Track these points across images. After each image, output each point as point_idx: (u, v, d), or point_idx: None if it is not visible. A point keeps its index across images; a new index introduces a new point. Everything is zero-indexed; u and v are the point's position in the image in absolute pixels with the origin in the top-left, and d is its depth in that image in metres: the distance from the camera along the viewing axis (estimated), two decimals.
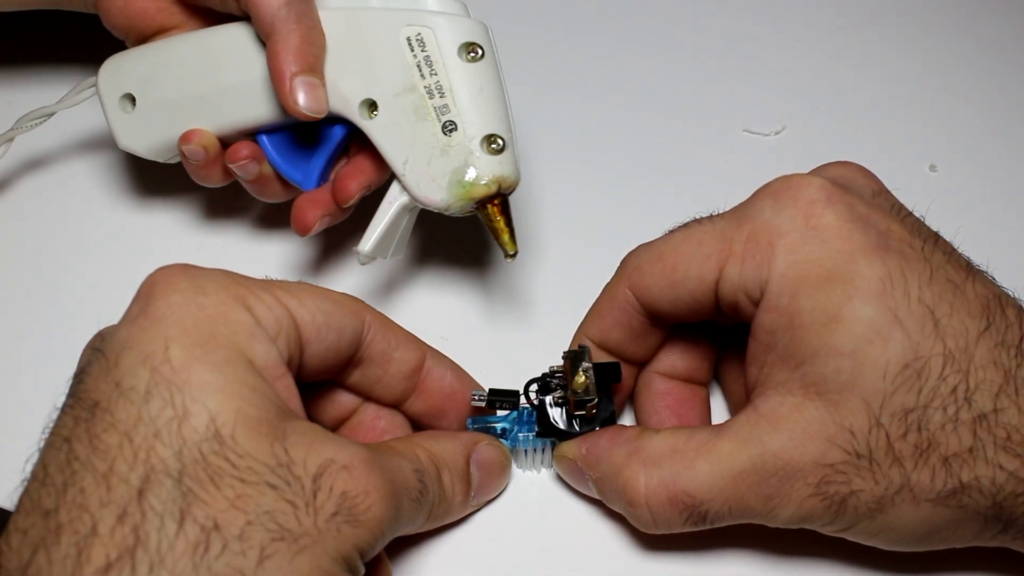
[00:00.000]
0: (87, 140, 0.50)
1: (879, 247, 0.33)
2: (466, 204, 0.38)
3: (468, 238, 0.48)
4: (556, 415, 0.38)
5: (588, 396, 0.37)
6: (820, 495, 0.32)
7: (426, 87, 0.38)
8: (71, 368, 0.31)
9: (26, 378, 0.42)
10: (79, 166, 0.48)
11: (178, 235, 0.47)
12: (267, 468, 0.28)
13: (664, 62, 0.56)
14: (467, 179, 0.38)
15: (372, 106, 0.39)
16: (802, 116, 0.53)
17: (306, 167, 0.42)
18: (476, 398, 0.38)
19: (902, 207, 0.36)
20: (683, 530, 0.35)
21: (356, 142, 0.42)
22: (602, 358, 0.39)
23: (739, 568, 0.37)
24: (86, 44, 0.52)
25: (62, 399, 0.30)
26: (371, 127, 0.39)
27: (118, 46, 0.44)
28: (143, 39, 0.43)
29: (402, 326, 0.37)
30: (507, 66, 0.40)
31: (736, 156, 0.52)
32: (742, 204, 0.36)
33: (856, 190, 0.35)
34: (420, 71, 0.38)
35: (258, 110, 0.41)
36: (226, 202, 0.48)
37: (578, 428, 0.38)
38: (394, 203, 0.39)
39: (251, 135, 0.42)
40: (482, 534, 0.38)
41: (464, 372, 0.39)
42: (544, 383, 0.38)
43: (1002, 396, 0.32)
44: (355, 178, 0.41)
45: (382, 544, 0.30)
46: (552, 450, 0.39)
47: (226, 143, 0.42)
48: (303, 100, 0.38)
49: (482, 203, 0.39)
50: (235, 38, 0.41)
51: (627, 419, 0.42)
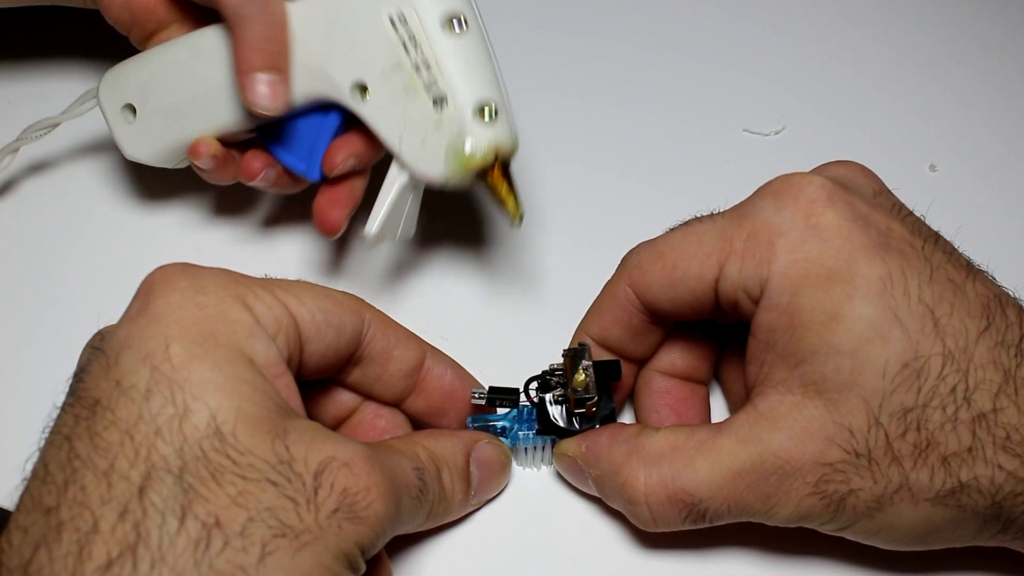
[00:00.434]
0: (87, 142, 0.50)
1: (879, 246, 0.33)
2: (465, 176, 0.38)
3: (468, 237, 0.48)
4: (556, 413, 0.38)
5: (588, 394, 0.37)
6: (819, 494, 0.33)
7: (413, 64, 0.37)
8: (71, 367, 0.31)
9: (26, 377, 0.42)
10: (79, 167, 0.48)
11: (177, 235, 0.47)
12: (268, 465, 0.28)
13: (664, 62, 0.56)
14: (463, 151, 0.37)
15: (363, 89, 0.38)
16: (802, 116, 0.53)
17: (308, 156, 0.42)
18: (476, 396, 0.38)
19: (903, 206, 0.36)
20: (682, 528, 0.35)
21: (353, 125, 0.42)
22: (602, 356, 0.39)
23: (738, 566, 0.37)
24: (86, 40, 0.53)
25: (62, 398, 0.30)
26: (364, 110, 0.39)
27: (118, 40, 0.44)
28: (146, 34, 0.43)
29: (402, 325, 0.37)
30: (507, 67, 0.40)
31: (736, 156, 0.52)
32: (742, 203, 0.36)
33: (857, 189, 0.35)
34: (405, 48, 0.37)
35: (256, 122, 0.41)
36: (226, 202, 0.48)
37: (578, 426, 0.38)
38: (395, 182, 0.39)
39: (251, 132, 0.42)
40: (482, 533, 0.38)
41: (464, 370, 0.39)
42: (544, 381, 0.38)
43: (1001, 396, 0.32)
44: (343, 149, 0.40)
45: (383, 541, 0.30)
46: (552, 448, 0.39)
47: (228, 142, 0.42)
48: (260, 98, 0.38)
49: (482, 173, 0.38)
50: (221, 37, 0.40)
51: (627, 417, 0.42)
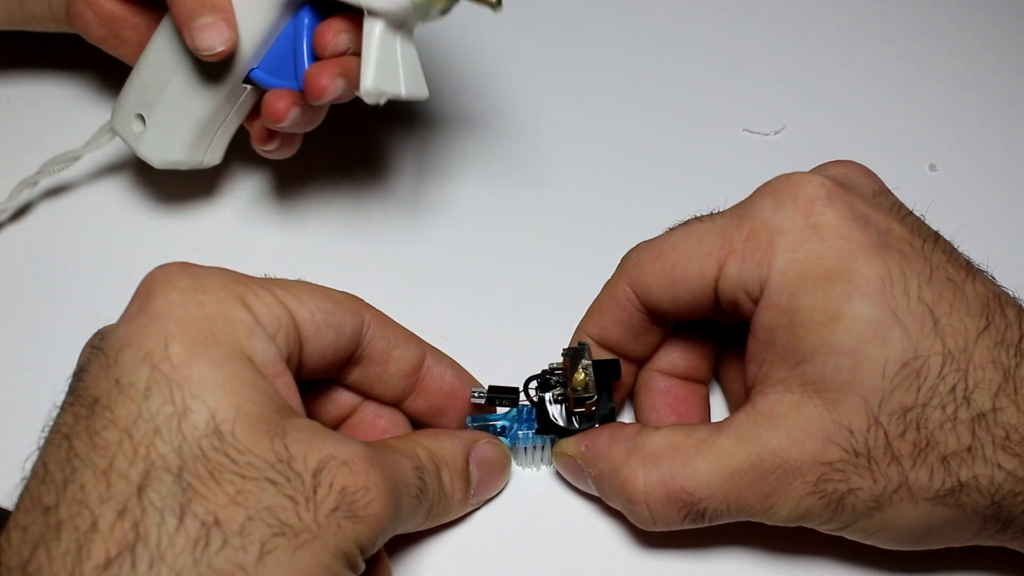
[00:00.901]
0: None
1: (879, 246, 0.33)
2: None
3: (468, 236, 0.48)
4: (556, 412, 0.38)
5: (587, 393, 0.37)
6: (818, 493, 0.33)
7: None
8: (71, 366, 0.31)
9: (26, 376, 0.42)
10: (78, 168, 0.47)
11: (177, 235, 0.47)
12: (267, 464, 0.28)
13: (664, 62, 0.56)
14: None
15: None
16: (802, 116, 0.53)
17: (295, 69, 0.41)
18: (476, 395, 0.38)
19: (902, 206, 0.36)
20: (681, 527, 0.35)
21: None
22: (602, 355, 0.39)
23: (737, 566, 0.37)
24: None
25: (62, 397, 0.30)
26: None
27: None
28: (132, 46, 0.44)
29: (402, 325, 0.37)
30: (508, 67, 0.40)
31: (736, 156, 0.52)
32: (742, 202, 0.36)
33: (856, 189, 0.35)
34: None
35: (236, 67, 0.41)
36: (226, 202, 0.48)
37: (577, 425, 0.38)
38: (372, 30, 0.38)
39: (248, 81, 0.42)
40: (482, 532, 0.38)
41: (464, 370, 0.39)
42: (544, 380, 0.38)
43: (1001, 395, 0.32)
44: (328, 29, 0.39)
45: (382, 541, 0.30)
46: (552, 447, 0.39)
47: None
48: (206, 40, 0.38)
49: None
50: None
51: (627, 416, 0.42)
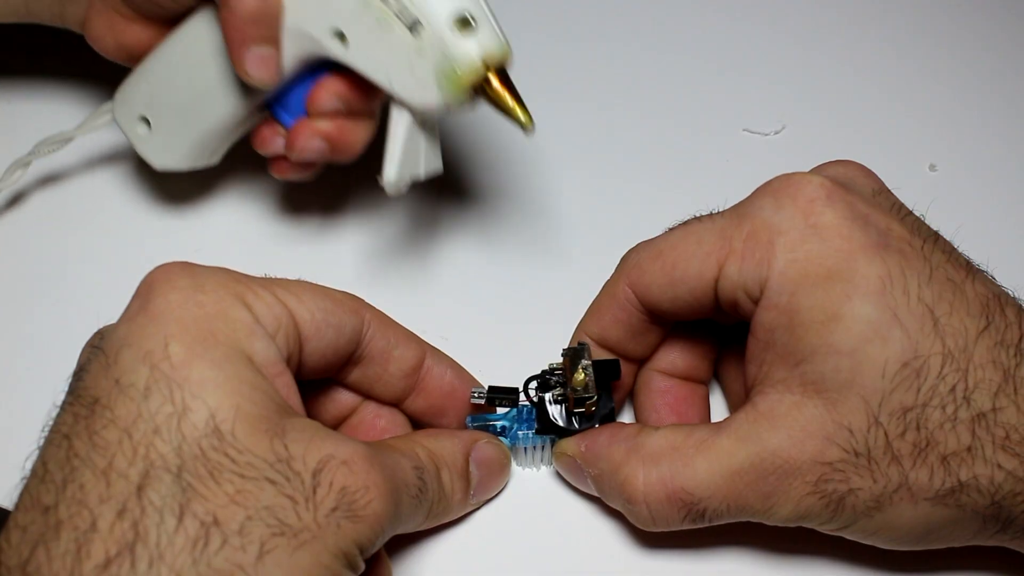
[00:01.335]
0: (87, 144, 0.50)
1: (879, 245, 0.33)
2: (463, 96, 0.37)
3: (468, 237, 0.48)
4: (555, 412, 0.38)
5: (587, 393, 0.37)
6: (818, 493, 0.33)
7: None
8: (71, 366, 0.31)
9: (26, 376, 0.42)
10: (79, 169, 0.48)
11: (177, 235, 0.47)
12: (266, 464, 0.28)
13: (664, 62, 0.56)
14: (452, 71, 0.36)
15: (341, 36, 0.37)
16: (802, 116, 0.53)
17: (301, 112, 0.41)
18: (475, 395, 0.38)
19: (902, 206, 0.36)
20: (681, 528, 0.35)
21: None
22: (601, 355, 0.39)
23: (737, 566, 0.37)
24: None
25: (62, 397, 0.30)
26: (348, 57, 0.37)
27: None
28: (134, 58, 0.43)
29: (402, 325, 0.37)
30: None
31: (736, 156, 0.52)
32: (742, 202, 0.36)
33: (856, 188, 0.35)
34: None
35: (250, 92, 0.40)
36: (226, 202, 0.48)
37: (577, 425, 0.38)
38: (399, 122, 0.38)
39: (265, 107, 0.42)
40: (482, 532, 0.38)
41: (464, 370, 0.39)
42: (543, 380, 0.38)
43: (1001, 395, 0.32)
44: (325, 88, 0.39)
45: (382, 541, 0.30)
46: (551, 447, 0.39)
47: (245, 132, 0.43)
48: (257, 71, 0.38)
49: (480, 88, 0.37)
50: (208, 23, 0.40)
51: (627, 416, 0.42)
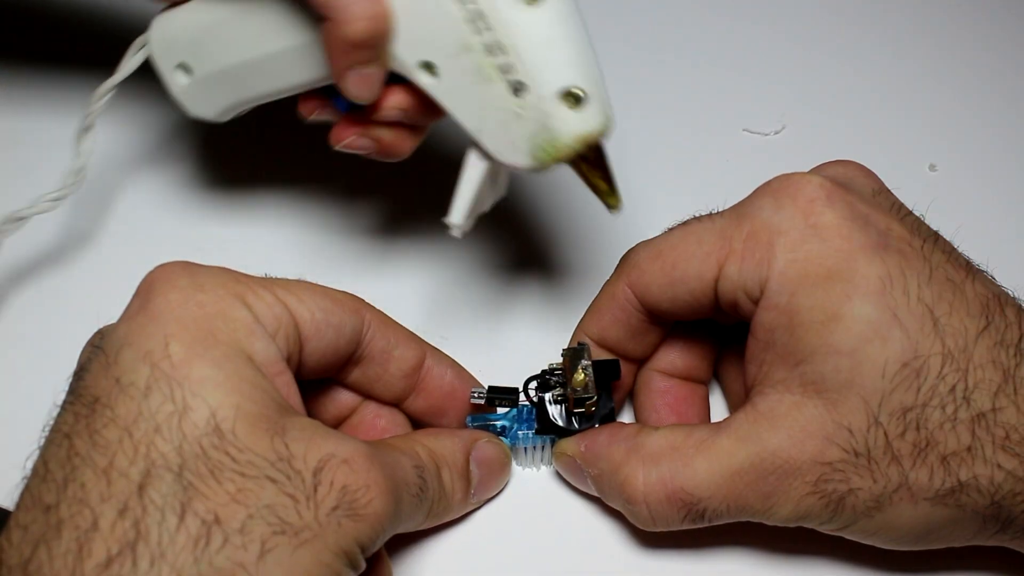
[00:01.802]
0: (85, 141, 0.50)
1: (879, 246, 0.33)
2: (554, 164, 0.34)
3: (468, 237, 0.48)
4: (555, 412, 0.38)
5: (587, 393, 0.37)
6: (818, 493, 0.33)
7: (483, 45, 0.32)
8: (71, 366, 0.31)
9: (26, 376, 0.42)
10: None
11: (177, 234, 0.47)
12: (267, 462, 0.28)
13: (664, 62, 0.56)
14: (549, 143, 0.33)
15: (431, 67, 0.34)
16: (802, 116, 0.54)
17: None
18: (476, 395, 0.38)
19: (902, 206, 0.36)
20: (681, 528, 0.35)
21: None
22: (601, 355, 0.39)
23: (737, 566, 0.37)
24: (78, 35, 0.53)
25: (62, 396, 0.30)
26: (435, 90, 0.34)
27: (119, 46, 0.44)
28: None
29: (402, 325, 0.37)
30: None
31: (736, 156, 0.52)
32: (742, 202, 0.36)
33: (856, 189, 0.35)
34: (474, 25, 0.32)
35: (318, 70, 0.37)
36: (226, 202, 0.48)
37: (577, 425, 0.38)
38: (477, 170, 0.36)
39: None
40: (482, 532, 0.38)
41: (464, 370, 0.39)
42: (543, 380, 0.38)
43: (1001, 395, 0.32)
44: (391, 96, 0.37)
45: (382, 539, 0.30)
46: (551, 447, 0.39)
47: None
48: (363, 91, 0.35)
49: (571, 160, 0.35)
50: (279, 4, 0.36)
51: (627, 417, 0.42)
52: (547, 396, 0.38)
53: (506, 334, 0.44)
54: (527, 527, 0.38)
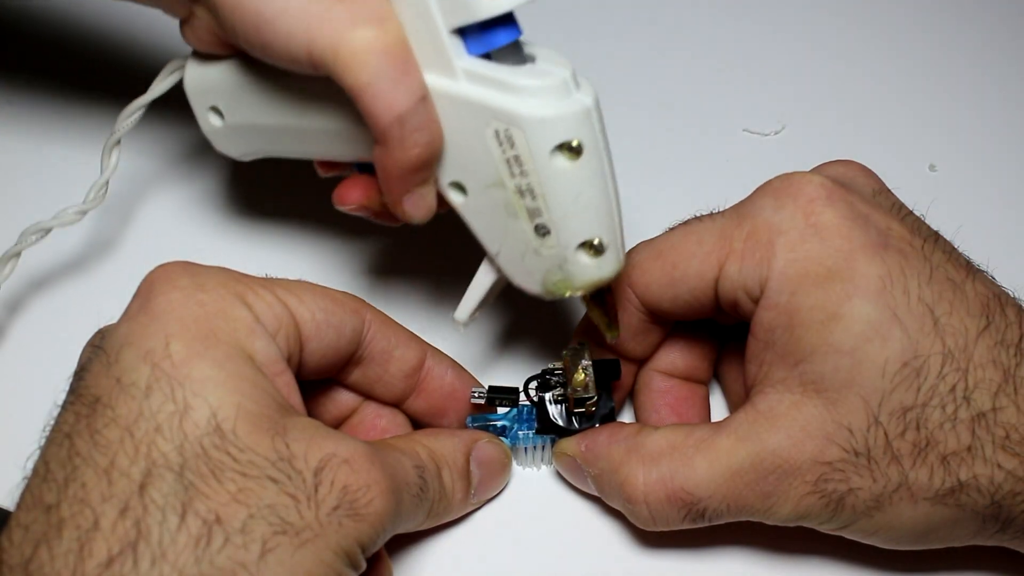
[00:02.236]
0: None
1: (879, 245, 0.33)
2: (561, 297, 0.35)
3: (469, 237, 0.48)
4: (555, 412, 0.38)
5: (587, 393, 0.37)
6: (818, 493, 0.33)
7: (516, 187, 0.33)
8: (71, 366, 0.31)
9: (27, 376, 0.42)
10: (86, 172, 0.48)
11: (177, 236, 0.47)
12: (268, 462, 0.28)
13: (664, 62, 0.56)
14: (562, 282, 0.34)
15: (461, 187, 0.35)
16: (802, 116, 0.54)
17: None
18: (476, 395, 0.38)
19: (902, 206, 0.36)
20: (681, 527, 0.35)
21: None
22: (602, 355, 0.39)
23: (737, 565, 0.37)
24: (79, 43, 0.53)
25: (63, 396, 0.30)
26: (461, 208, 0.35)
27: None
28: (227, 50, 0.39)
29: (402, 325, 0.37)
30: None
31: (736, 156, 0.52)
32: (742, 202, 0.36)
33: (856, 188, 0.35)
34: (509, 168, 0.33)
35: (349, 150, 0.38)
36: (226, 202, 0.48)
37: (577, 425, 0.38)
38: (488, 280, 0.37)
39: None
40: (482, 532, 0.38)
41: (464, 370, 0.39)
42: (544, 380, 0.38)
43: (1001, 395, 0.32)
44: (353, 188, 0.38)
45: (383, 539, 0.30)
46: (552, 447, 0.39)
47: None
48: (416, 212, 0.35)
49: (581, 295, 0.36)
50: (324, 86, 0.35)
51: (627, 416, 0.42)
52: (547, 396, 0.38)
53: (506, 334, 0.44)
54: (527, 527, 0.38)
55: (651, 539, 0.38)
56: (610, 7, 0.59)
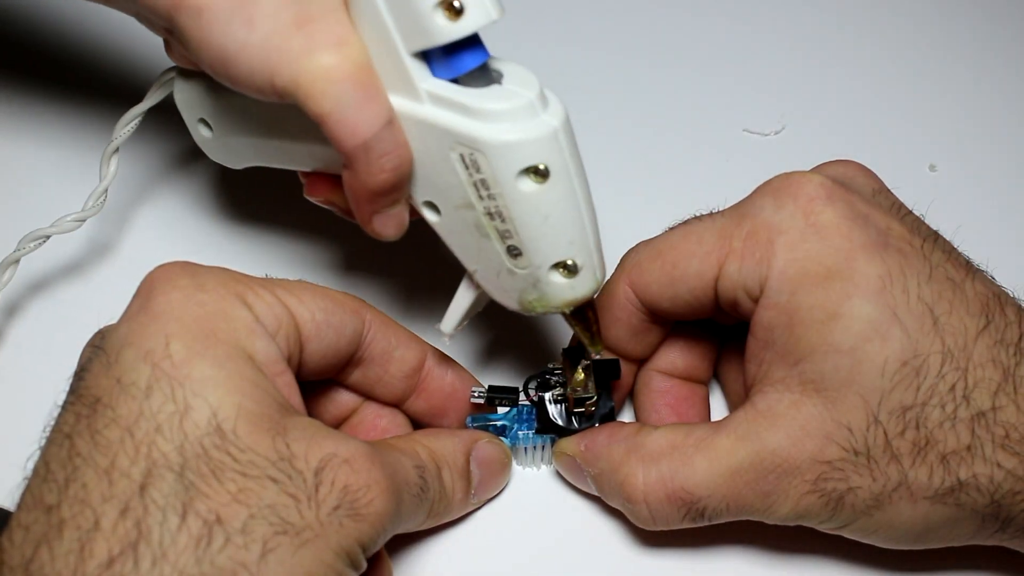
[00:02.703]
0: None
1: (879, 245, 0.33)
2: (542, 314, 0.35)
3: None
4: (555, 412, 0.38)
5: (587, 393, 0.37)
6: (817, 492, 0.33)
7: (485, 210, 0.32)
8: (71, 366, 0.31)
9: (27, 376, 0.42)
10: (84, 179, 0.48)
11: (177, 236, 0.47)
12: (269, 462, 0.28)
13: (664, 62, 0.56)
14: (536, 301, 0.34)
15: (434, 207, 0.34)
16: (802, 116, 0.54)
17: None
18: (476, 395, 0.38)
19: (902, 206, 0.36)
20: (681, 526, 0.35)
21: None
22: (601, 355, 0.39)
23: (737, 565, 0.38)
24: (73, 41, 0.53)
25: (63, 396, 0.30)
26: (436, 226, 0.35)
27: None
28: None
29: (402, 325, 0.37)
30: None
31: (736, 156, 0.52)
32: (742, 201, 0.36)
33: (856, 188, 0.35)
34: (477, 191, 0.32)
35: (333, 165, 0.37)
36: (226, 203, 0.48)
37: (577, 425, 0.38)
38: (469, 289, 0.37)
39: None
40: (482, 531, 0.38)
41: (464, 370, 0.39)
42: (543, 380, 0.38)
43: (1000, 394, 0.32)
44: (319, 187, 0.38)
45: (383, 539, 0.31)
46: (551, 447, 0.39)
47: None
48: (386, 230, 0.35)
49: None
50: (298, 109, 0.34)
51: (627, 416, 0.42)
52: (547, 396, 0.38)
53: (506, 334, 0.44)
54: (527, 527, 0.38)
55: (651, 539, 0.38)
56: (610, 7, 0.59)
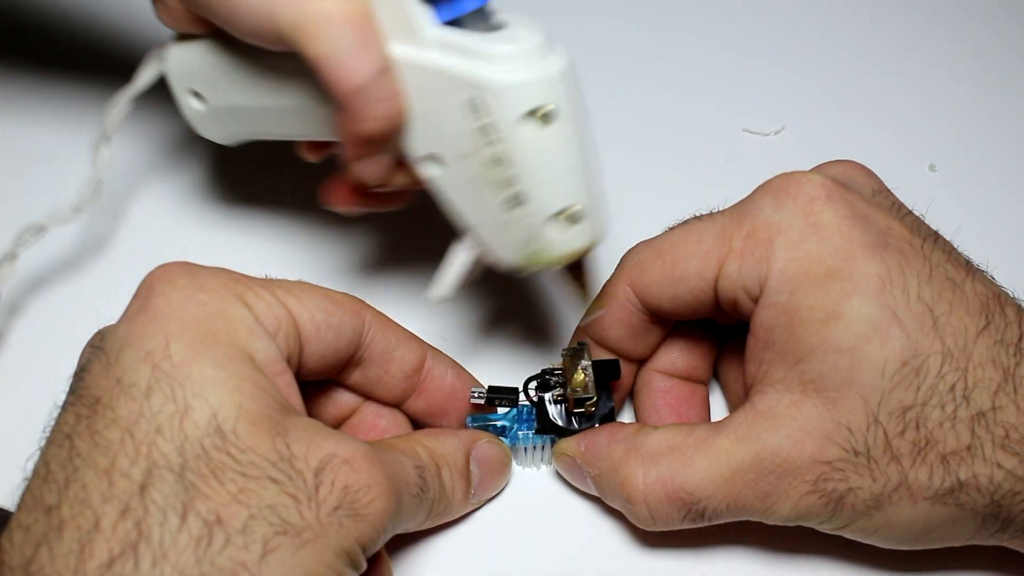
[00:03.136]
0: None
1: (878, 245, 0.33)
2: (541, 269, 0.36)
3: None
4: (555, 412, 0.38)
5: (587, 394, 0.37)
6: (817, 492, 0.33)
7: (490, 156, 0.32)
8: (71, 367, 0.31)
9: (27, 377, 0.42)
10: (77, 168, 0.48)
11: (177, 236, 0.47)
12: (269, 463, 0.28)
13: (664, 62, 0.56)
14: (539, 252, 0.34)
15: (436, 159, 0.34)
16: (802, 115, 0.54)
17: None
18: (476, 395, 0.38)
19: (902, 205, 0.36)
20: (681, 527, 0.35)
21: None
22: (601, 355, 0.39)
23: (737, 565, 0.38)
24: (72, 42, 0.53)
25: (63, 397, 0.30)
26: (438, 180, 0.35)
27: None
28: (202, 28, 0.39)
29: (402, 325, 0.37)
30: None
31: (736, 156, 0.52)
32: (742, 201, 0.36)
33: (856, 188, 0.35)
34: (483, 137, 0.32)
35: (326, 130, 0.37)
36: (226, 203, 0.48)
37: (577, 425, 0.38)
38: (464, 256, 0.37)
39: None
40: (482, 532, 0.38)
41: (464, 370, 0.39)
42: (543, 380, 0.38)
43: (1000, 394, 0.32)
44: (339, 191, 0.38)
45: (383, 539, 0.31)
46: (551, 447, 0.39)
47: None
48: (372, 176, 0.36)
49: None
50: (295, 64, 0.34)
51: (627, 416, 0.42)
52: (547, 396, 0.38)
53: (506, 334, 0.44)
54: (527, 527, 0.38)
55: (651, 539, 0.38)
56: (610, 7, 0.59)
